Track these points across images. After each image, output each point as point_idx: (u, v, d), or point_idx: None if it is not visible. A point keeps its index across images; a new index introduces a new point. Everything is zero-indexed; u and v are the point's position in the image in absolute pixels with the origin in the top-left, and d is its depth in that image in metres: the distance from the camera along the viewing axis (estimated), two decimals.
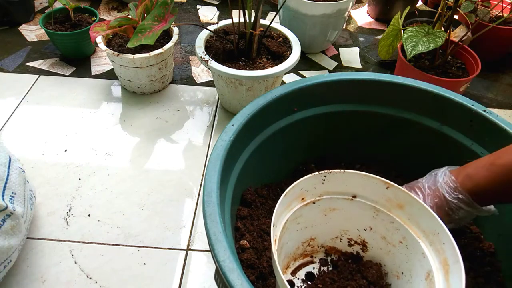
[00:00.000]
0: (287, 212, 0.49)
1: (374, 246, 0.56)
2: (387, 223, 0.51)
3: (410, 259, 0.50)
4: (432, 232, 0.46)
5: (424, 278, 0.46)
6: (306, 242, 0.58)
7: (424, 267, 0.47)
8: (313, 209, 0.52)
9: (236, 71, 0.84)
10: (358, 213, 0.53)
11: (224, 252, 0.38)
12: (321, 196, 0.51)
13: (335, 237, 0.58)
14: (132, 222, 0.77)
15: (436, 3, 1.43)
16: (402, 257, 0.51)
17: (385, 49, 1.00)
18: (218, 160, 0.47)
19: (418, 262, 0.48)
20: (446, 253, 0.43)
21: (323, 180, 0.49)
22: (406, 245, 0.50)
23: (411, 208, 0.48)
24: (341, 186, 0.51)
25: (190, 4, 1.42)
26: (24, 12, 1.28)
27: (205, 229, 0.40)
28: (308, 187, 0.49)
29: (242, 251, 0.52)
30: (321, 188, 0.51)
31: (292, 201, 0.49)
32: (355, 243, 0.58)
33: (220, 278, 0.38)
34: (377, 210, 0.52)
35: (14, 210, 0.61)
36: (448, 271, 0.42)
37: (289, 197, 0.47)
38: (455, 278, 0.40)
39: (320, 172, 0.48)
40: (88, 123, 0.96)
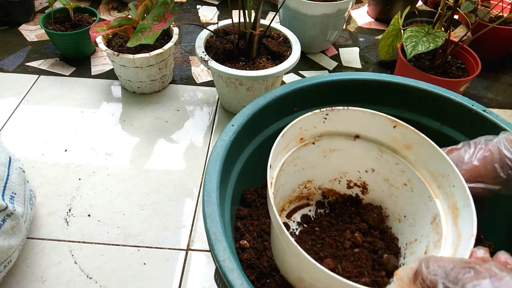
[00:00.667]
0: (285, 153, 0.46)
1: (375, 189, 0.53)
2: (392, 165, 0.48)
3: (415, 202, 0.47)
4: (441, 175, 0.43)
5: (429, 222, 0.44)
6: (302, 184, 0.55)
7: (430, 210, 0.44)
8: (312, 150, 0.49)
9: (236, 71, 0.84)
10: (360, 154, 0.50)
11: (224, 252, 0.38)
12: (321, 136, 0.48)
13: (333, 179, 0.55)
14: (132, 222, 0.77)
15: (436, 3, 1.43)
16: (405, 200, 0.49)
17: (385, 49, 1.00)
18: (218, 160, 0.47)
19: (424, 205, 0.45)
20: (456, 196, 0.40)
21: (324, 118, 0.46)
22: (411, 188, 0.47)
23: (419, 149, 0.45)
24: (344, 125, 0.47)
25: (190, 4, 1.42)
26: (24, 12, 1.28)
27: (205, 229, 0.40)
28: (307, 126, 0.46)
29: (242, 251, 0.52)
30: (322, 127, 0.47)
31: (290, 142, 0.46)
32: (355, 185, 0.55)
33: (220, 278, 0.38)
34: (381, 151, 0.48)
35: (14, 210, 0.61)
36: (457, 215, 0.40)
37: (287, 138, 0.45)
38: (466, 223, 0.38)
39: (322, 109, 0.45)
40: (88, 123, 0.96)
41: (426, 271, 0.26)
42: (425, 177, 0.45)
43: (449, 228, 0.40)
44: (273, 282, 0.50)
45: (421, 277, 0.26)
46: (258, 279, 0.50)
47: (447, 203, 0.42)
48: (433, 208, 0.44)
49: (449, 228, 0.40)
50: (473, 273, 0.24)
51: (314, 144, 0.49)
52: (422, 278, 0.26)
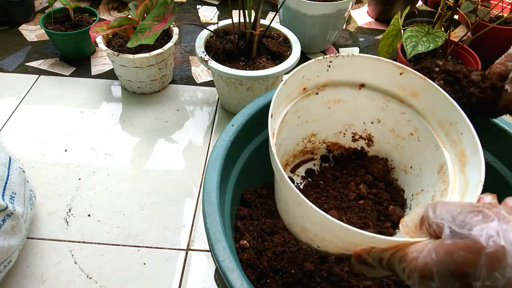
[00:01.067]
0: (287, 103, 0.44)
1: (381, 140, 0.51)
2: (398, 114, 0.47)
3: (421, 152, 0.46)
4: (448, 122, 0.41)
5: (436, 171, 0.43)
6: (306, 138, 0.54)
7: (436, 160, 0.43)
8: (315, 101, 0.47)
9: (236, 71, 0.84)
10: (365, 104, 0.48)
11: (224, 252, 0.38)
12: (325, 86, 0.46)
13: (338, 132, 0.53)
14: (132, 222, 0.77)
15: (436, 3, 1.43)
16: (412, 150, 0.47)
17: (385, 49, 1.00)
18: (218, 160, 0.47)
19: (430, 155, 0.44)
20: (464, 143, 0.39)
21: (328, 66, 0.44)
22: (417, 137, 0.46)
23: (426, 96, 0.43)
24: (349, 73, 0.46)
25: (190, 4, 1.42)
26: (24, 12, 1.28)
27: (205, 229, 0.40)
28: (310, 75, 0.44)
29: (242, 251, 0.52)
30: (326, 76, 0.45)
31: (292, 92, 0.44)
32: (360, 138, 0.53)
33: (220, 278, 0.38)
34: (387, 100, 0.47)
35: (14, 210, 0.61)
36: (465, 163, 0.39)
37: (289, 86, 0.43)
38: (473, 170, 0.37)
39: (325, 56, 0.44)
40: (88, 123, 0.96)
41: (432, 216, 0.25)
42: (432, 125, 0.44)
43: (457, 176, 0.39)
44: (273, 282, 0.50)
45: (427, 222, 0.26)
46: (258, 279, 0.50)
47: (455, 150, 0.41)
48: (440, 157, 0.42)
49: (457, 176, 0.39)
50: (481, 216, 0.24)
51: (318, 94, 0.46)
52: (428, 223, 0.26)
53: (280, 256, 0.54)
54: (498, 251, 0.22)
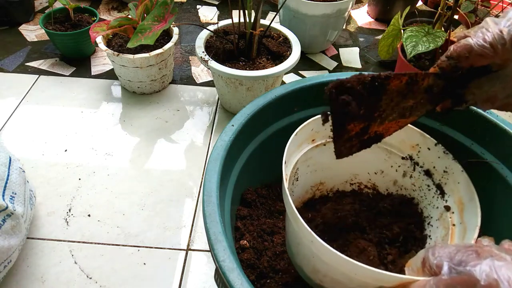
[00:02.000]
0: (298, 152, 0.48)
1: (385, 190, 0.55)
2: (398, 166, 0.51)
3: (421, 201, 0.49)
4: (446, 171, 0.45)
5: (436, 218, 0.46)
6: (315, 186, 0.57)
7: (437, 208, 0.46)
8: (323, 152, 0.51)
9: (236, 71, 0.84)
10: (369, 156, 0.51)
11: (224, 252, 0.38)
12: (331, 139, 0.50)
13: (345, 181, 0.57)
14: (132, 222, 0.77)
15: (436, 3, 1.43)
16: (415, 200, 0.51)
17: (385, 49, 1.00)
18: (218, 160, 0.47)
19: (431, 203, 0.47)
20: (461, 192, 0.43)
21: None
22: (418, 187, 0.49)
23: (424, 149, 0.47)
24: None
25: (190, 4, 1.42)
26: (24, 12, 1.28)
27: (205, 229, 0.40)
28: (318, 128, 0.48)
29: (242, 251, 0.52)
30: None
31: (302, 142, 0.48)
32: (365, 187, 0.56)
33: (220, 278, 0.38)
34: (389, 152, 0.50)
35: (14, 210, 0.61)
36: (463, 209, 0.42)
37: (299, 137, 0.46)
38: (471, 215, 0.40)
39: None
40: (88, 123, 0.96)
41: (432, 258, 0.28)
42: (431, 176, 0.47)
43: (456, 221, 0.42)
44: (273, 282, 0.50)
45: (428, 264, 0.28)
46: (258, 279, 0.50)
47: (453, 198, 0.44)
48: (440, 205, 0.45)
49: (456, 221, 0.42)
50: (475, 254, 0.26)
51: (325, 145, 0.50)
52: (429, 264, 0.28)
53: (280, 256, 0.53)
54: (492, 284, 0.24)
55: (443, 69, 0.34)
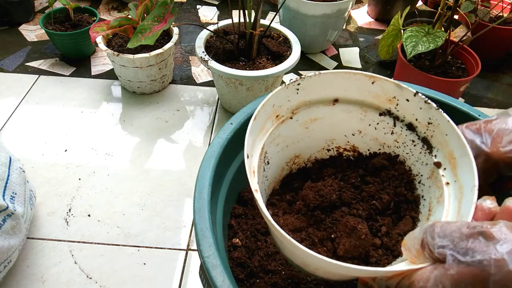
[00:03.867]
0: (262, 136, 0.44)
1: (366, 151, 0.51)
2: (376, 123, 0.47)
3: (408, 158, 0.45)
4: (431, 123, 0.41)
5: (427, 176, 0.42)
6: (290, 161, 0.53)
7: (424, 163, 0.42)
8: (291, 125, 0.47)
9: (236, 71, 0.84)
10: (343, 117, 0.48)
11: (209, 248, 0.38)
12: (298, 109, 0.46)
13: (321, 148, 0.53)
14: (132, 222, 0.77)
15: (436, 3, 1.43)
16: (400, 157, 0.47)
17: (385, 49, 1.00)
18: (213, 157, 0.47)
19: (418, 160, 0.44)
20: (451, 144, 0.38)
21: (297, 89, 0.44)
22: (402, 143, 0.45)
23: (403, 101, 0.43)
24: (319, 91, 0.45)
25: (190, 4, 1.42)
26: (24, 12, 1.28)
27: (193, 224, 0.40)
28: (280, 101, 0.44)
29: (233, 249, 0.52)
30: (296, 99, 0.45)
31: (265, 123, 0.44)
32: (345, 151, 0.52)
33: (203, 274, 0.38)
34: (364, 111, 0.46)
35: (14, 210, 0.61)
36: (455, 165, 0.38)
37: (260, 119, 0.42)
38: (465, 173, 0.36)
39: (292, 80, 0.43)
40: (88, 123, 0.96)
41: (431, 242, 0.25)
42: (415, 129, 0.43)
43: (449, 179, 0.38)
44: (263, 282, 0.50)
45: (428, 248, 0.25)
46: (248, 278, 0.50)
47: (443, 153, 0.40)
48: (429, 161, 0.41)
49: (449, 179, 0.38)
50: (482, 239, 0.23)
51: (292, 118, 0.46)
52: (429, 249, 0.25)
53: (272, 257, 0.53)
54: (506, 277, 0.21)
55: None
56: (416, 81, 0.92)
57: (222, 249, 0.43)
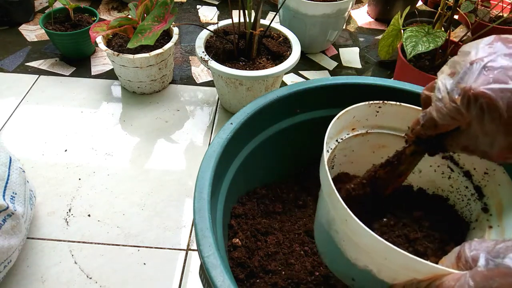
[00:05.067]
0: (337, 137, 0.47)
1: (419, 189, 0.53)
2: (437, 166, 0.48)
3: (458, 203, 0.47)
4: (487, 173, 0.43)
5: (474, 219, 0.44)
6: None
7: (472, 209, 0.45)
8: (362, 143, 0.49)
9: (236, 71, 0.84)
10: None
11: (209, 248, 0.38)
12: (372, 129, 0.48)
13: None
14: (132, 222, 0.77)
15: (436, 3, 1.43)
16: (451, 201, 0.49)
17: (385, 49, 1.00)
18: (213, 157, 0.47)
19: (467, 206, 0.46)
20: (501, 194, 0.41)
21: (377, 111, 0.46)
22: (456, 189, 0.47)
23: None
24: (395, 120, 0.47)
25: (190, 4, 1.42)
26: (24, 12, 1.28)
27: (193, 224, 0.41)
28: (360, 116, 0.46)
29: (233, 249, 0.52)
30: (374, 120, 0.47)
31: (343, 128, 0.47)
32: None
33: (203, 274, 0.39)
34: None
35: (15, 210, 0.61)
36: (501, 212, 0.40)
37: (341, 122, 0.45)
38: (510, 218, 0.38)
39: (375, 102, 0.46)
40: (88, 123, 0.96)
41: (468, 251, 0.27)
42: (471, 177, 0.45)
43: (493, 224, 0.41)
44: (263, 282, 0.50)
45: (464, 258, 0.27)
46: (248, 278, 0.50)
47: (492, 201, 0.42)
48: (477, 206, 0.44)
49: (493, 224, 0.41)
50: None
51: (364, 136, 0.49)
52: (465, 259, 0.27)
53: (272, 257, 0.53)
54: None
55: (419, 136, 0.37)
56: (416, 81, 0.92)
57: (222, 249, 0.43)
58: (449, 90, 0.31)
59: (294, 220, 0.60)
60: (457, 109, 0.30)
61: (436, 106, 0.32)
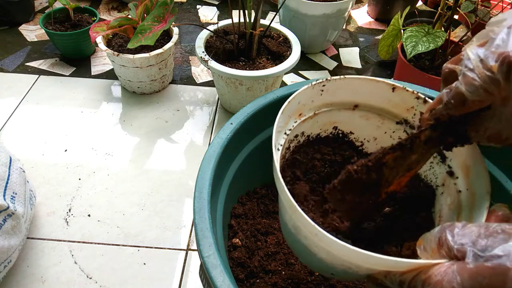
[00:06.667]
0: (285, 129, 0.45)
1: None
2: (393, 132, 0.47)
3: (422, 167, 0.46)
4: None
5: (439, 184, 0.43)
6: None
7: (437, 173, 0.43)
8: (312, 125, 0.48)
9: (236, 71, 0.84)
10: (360, 124, 0.48)
11: (209, 248, 0.38)
12: (320, 109, 0.47)
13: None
14: (132, 222, 0.77)
15: (436, 3, 1.43)
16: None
17: (385, 49, 1.00)
18: (213, 157, 0.47)
19: (431, 169, 0.44)
20: (464, 154, 0.39)
21: (321, 90, 0.45)
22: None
23: (420, 110, 0.43)
24: (342, 95, 0.46)
25: (190, 4, 1.42)
26: (24, 12, 1.28)
27: (193, 224, 0.41)
28: (305, 100, 0.45)
29: (233, 249, 0.52)
30: (320, 100, 0.46)
31: (289, 119, 0.45)
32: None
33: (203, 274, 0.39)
34: (382, 118, 0.47)
35: (15, 210, 0.61)
36: (468, 173, 0.38)
37: (286, 114, 0.43)
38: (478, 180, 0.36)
39: (318, 80, 0.44)
40: (88, 123, 0.96)
41: (451, 240, 0.25)
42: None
43: (461, 187, 0.39)
44: (263, 282, 0.50)
45: (447, 246, 0.25)
46: (248, 278, 0.50)
47: (456, 162, 0.41)
48: (442, 170, 0.42)
49: (461, 187, 0.39)
50: (501, 236, 0.23)
51: (313, 118, 0.47)
52: (447, 247, 0.25)
53: (272, 257, 0.53)
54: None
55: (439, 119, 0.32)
56: (416, 81, 0.92)
57: (222, 249, 0.43)
58: (483, 57, 0.26)
59: None
60: (494, 79, 0.25)
61: (466, 77, 0.27)
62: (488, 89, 0.26)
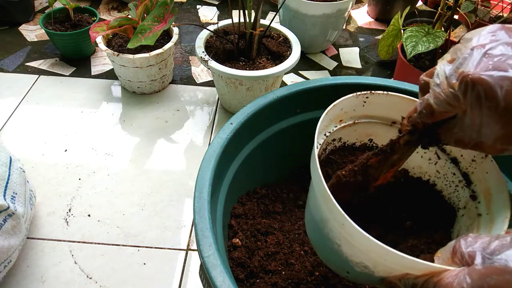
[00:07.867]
0: (326, 131, 0.47)
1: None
2: (423, 152, 0.49)
3: (446, 189, 0.48)
4: (474, 161, 0.43)
5: (461, 207, 0.45)
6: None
7: (461, 196, 0.45)
8: (350, 133, 0.50)
9: (236, 71, 0.84)
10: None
11: (209, 248, 0.38)
12: (359, 119, 0.49)
13: None
14: (132, 222, 0.77)
15: (436, 3, 1.43)
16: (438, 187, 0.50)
17: (385, 49, 1.00)
18: (213, 157, 0.47)
19: (455, 192, 0.46)
20: (489, 182, 0.41)
21: (364, 101, 0.47)
22: (443, 175, 0.48)
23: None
24: (382, 109, 0.48)
25: (190, 4, 1.42)
26: (24, 12, 1.28)
27: (193, 224, 0.41)
28: (347, 108, 0.47)
29: (233, 249, 0.52)
30: (361, 110, 0.48)
31: (330, 122, 0.47)
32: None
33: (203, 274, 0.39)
34: None
35: (15, 210, 0.61)
36: (490, 200, 0.40)
37: (329, 116, 0.45)
38: (499, 206, 0.39)
39: (362, 92, 0.46)
40: (88, 123, 0.96)
41: (464, 247, 0.27)
42: (458, 164, 0.46)
43: (482, 211, 0.41)
44: (263, 282, 0.50)
45: (460, 253, 0.27)
46: (248, 278, 0.50)
47: (480, 188, 0.42)
48: (465, 193, 0.44)
49: (482, 211, 0.41)
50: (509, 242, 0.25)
51: (351, 127, 0.49)
52: (460, 254, 0.27)
53: (272, 257, 0.53)
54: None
55: (415, 125, 0.36)
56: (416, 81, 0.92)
57: (222, 249, 0.43)
58: (447, 75, 0.30)
59: (294, 220, 0.60)
60: (455, 94, 0.29)
61: (434, 92, 0.31)
62: (451, 103, 0.30)
